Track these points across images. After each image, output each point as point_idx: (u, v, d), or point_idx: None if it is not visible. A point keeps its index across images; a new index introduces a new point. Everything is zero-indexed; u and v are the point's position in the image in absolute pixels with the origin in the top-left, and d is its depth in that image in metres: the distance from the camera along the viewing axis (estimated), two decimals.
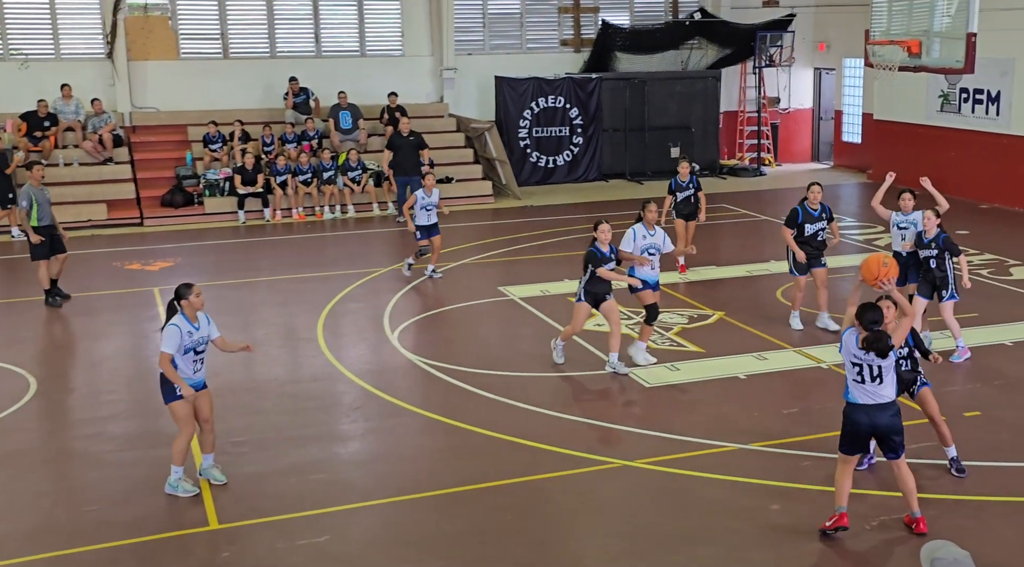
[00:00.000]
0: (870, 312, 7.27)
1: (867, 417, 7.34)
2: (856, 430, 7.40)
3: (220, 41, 22.38)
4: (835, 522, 7.50)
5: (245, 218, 19.72)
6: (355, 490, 8.50)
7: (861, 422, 7.36)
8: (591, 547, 7.61)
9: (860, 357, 7.28)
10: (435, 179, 15.08)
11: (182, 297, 8.27)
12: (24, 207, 14.03)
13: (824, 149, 26.70)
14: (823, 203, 12.19)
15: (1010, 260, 15.68)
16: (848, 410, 7.44)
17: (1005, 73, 19.87)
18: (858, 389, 7.36)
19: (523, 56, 24.26)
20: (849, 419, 7.43)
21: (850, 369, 7.37)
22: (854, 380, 7.35)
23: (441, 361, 11.52)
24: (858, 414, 7.36)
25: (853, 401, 7.39)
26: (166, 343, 8.17)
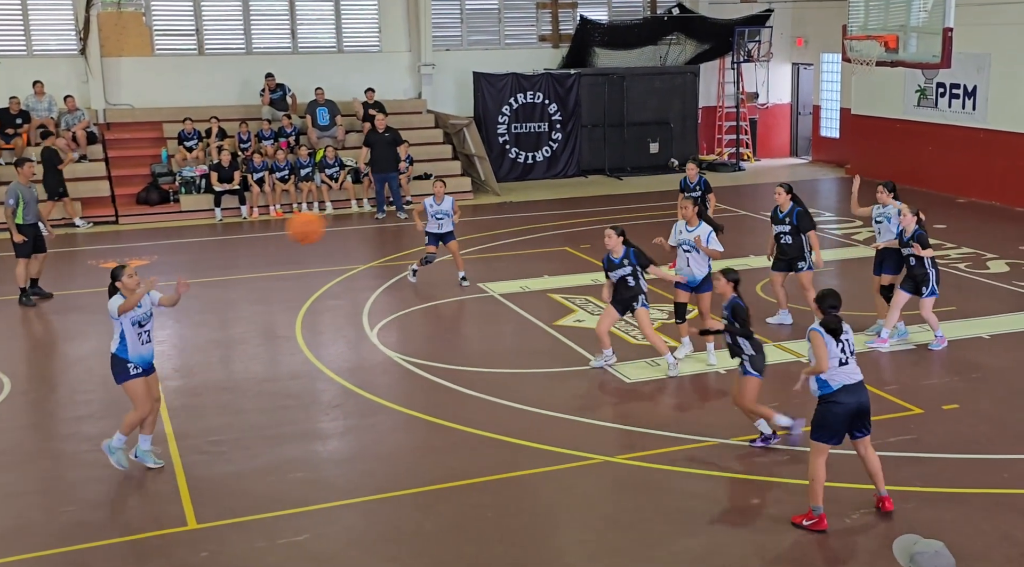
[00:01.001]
0: (830, 298, 7.55)
1: (854, 396, 7.43)
2: (844, 411, 7.43)
3: (195, 37, 22.22)
4: (814, 524, 7.49)
5: (222, 216, 19.59)
6: (335, 488, 8.45)
7: (849, 403, 7.42)
8: (572, 542, 7.59)
9: (846, 334, 7.46)
10: (445, 187, 14.54)
11: (117, 278, 8.64)
12: (11, 205, 13.93)
13: (802, 144, 26.78)
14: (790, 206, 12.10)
15: (987, 254, 15.76)
16: (832, 397, 7.44)
17: (981, 68, 19.98)
18: (841, 372, 7.43)
19: (501, 52, 24.21)
20: (835, 404, 7.43)
21: (836, 352, 7.42)
22: (840, 362, 7.40)
23: (421, 358, 11.47)
24: (845, 396, 7.42)
25: (840, 385, 7.42)
26: (113, 306, 8.53)
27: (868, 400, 7.53)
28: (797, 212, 11.94)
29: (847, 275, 14.82)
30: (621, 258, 10.68)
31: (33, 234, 14.02)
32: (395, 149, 19.68)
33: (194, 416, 10.02)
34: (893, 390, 10.22)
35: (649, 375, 10.84)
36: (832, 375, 7.43)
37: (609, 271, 10.77)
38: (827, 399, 7.49)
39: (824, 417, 7.50)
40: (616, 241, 10.67)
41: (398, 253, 16.66)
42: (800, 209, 11.97)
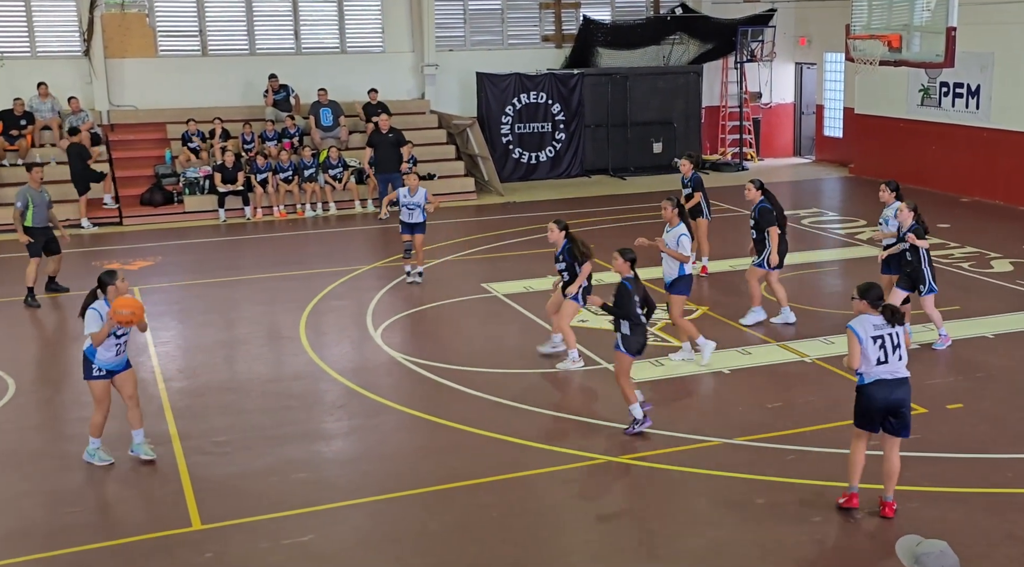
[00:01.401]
0: (873, 290, 7.58)
1: (887, 392, 7.50)
2: (873, 406, 7.54)
3: (199, 38, 22.24)
4: (845, 502, 7.73)
5: (225, 216, 19.61)
6: (339, 489, 8.45)
7: (878, 397, 7.51)
8: (576, 542, 7.59)
9: (882, 330, 7.49)
10: (418, 179, 14.85)
11: (107, 284, 8.75)
12: (19, 207, 14.16)
13: (806, 143, 26.75)
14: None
15: (991, 253, 15.74)
16: (865, 389, 7.56)
17: (985, 67, 19.95)
18: (882, 368, 7.50)
19: (504, 52, 24.21)
20: (865, 396, 7.57)
21: (871, 351, 7.46)
22: (879, 360, 7.47)
23: (425, 358, 11.48)
24: (878, 391, 7.51)
25: (874, 378, 7.52)
26: (89, 326, 8.68)
27: (904, 398, 7.55)
28: (761, 207, 12.09)
29: (851, 274, 14.80)
30: (559, 252, 10.96)
31: (45, 237, 14.27)
32: (399, 150, 19.68)
33: (198, 417, 10.02)
34: None
35: (653, 375, 10.83)
36: (868, 370, 7.52)
37: (556, 263, 11.15)
38: (861, 390, 7.63)
39: (857, 406, 7.66)
40: (558, 235, 10.92)
41: (402, 254, 16.63)
42: (764, 205, 12.10)
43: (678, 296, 11.08)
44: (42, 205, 14.26)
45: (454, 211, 20.24)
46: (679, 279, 11.03)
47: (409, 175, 14.91)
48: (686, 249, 10.93)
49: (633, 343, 9.21)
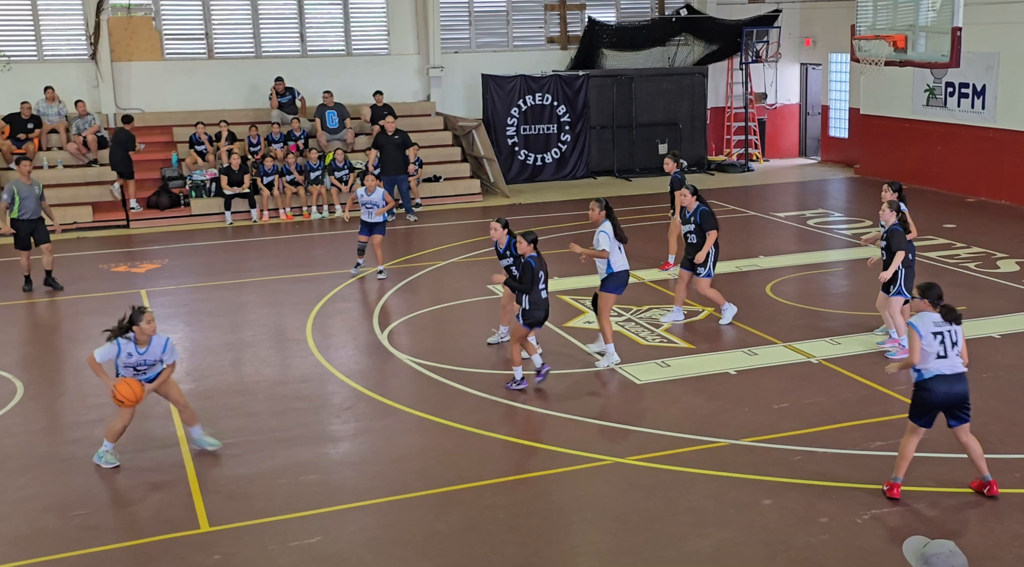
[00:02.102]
0: (934, 289, 7.85)
1: (947, 386, 7.68)
2: (932, 400, 7.73)
3: (205, 41, 22.30)
4: (888, 491, 7.94)
5: (232, 219, 19.65)
6: (346, 491, 8.47)
7: (939, 392, 7.69)
8: (584, 543, 7.60)
9: (941, 327, 7.72)
10: (375, 179, 15.14)
11: (134, 323, 8.80)
12: (5, 200, 14.55)
13: (811, 144, 26.74)
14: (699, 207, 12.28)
15: (997, 253, 15.72)
16: (924, 384, 7.73)
17: (990, 67, 19.93)
18: (941, 363, 7.68)
19: (510, 54, 24.23)
20: (925, 391, 7.73)
21: (932, 346, 7.66)
22: (938, 355, 7.67)
23: (431, 360, 11.49)
24: (939, 385, 7.68)
25: (934, 374, 7.68)
26: (99, 352, 8.84)
27: (965, 391, 7.76)
28: (701, 211, 12.17)
29: (857, 275, 14.80)
30: (504, 248, 11.19)
31: (30, 229, 14.66)
32: (404, 152, 19.70)
33: (206, 419, 10.01)
34: (903, 390, 10.16)
35: (660, 376, 10.84)
36: (927, 365, 7.68)
37: (500, 259, 11.39)
38: (921, 385, 7.77)
39: (914, 401, 7.84)
40: (501, 233, 11.17)
41: (408, 255, 16.69)
42: (705, 209, 12.22)
43: (607, 294, 11.19)
44: (31, 197, 14.56)
45: (460, 213, 20.26)
46: (608, 277, 11.15)
47: (368, 175, 15.21)
48: (605, 244, 11.07)
49: (530, 316, 10.24)
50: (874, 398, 10.10)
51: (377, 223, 14.92)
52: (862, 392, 10.26)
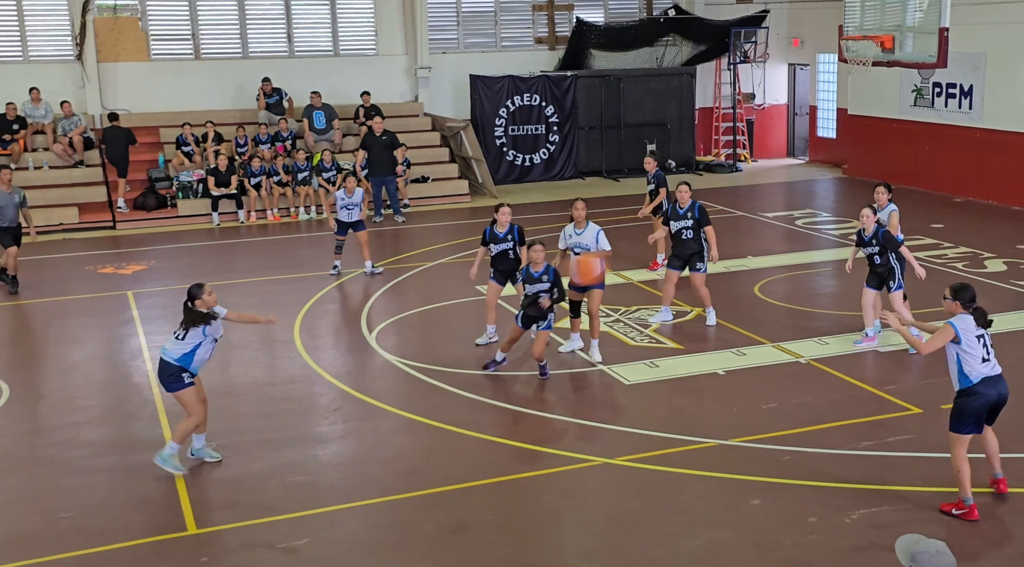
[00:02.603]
0: (967, 290, 7.65)
1: (995, 389, 7.62)
2: (986, 403, 7.61)
3: (191, 42, 22.21)
4: (965, 514, 7.62)
5: (219, 220, 19.57)
6: (335, 492, 8.43)
7: (991, 395, 7.60)
8: (573, 544, 7.58)
9: (981, 330, 7.62)
10: (356, 182, 15.34)
11: (195, 297, 8.68)
12: None
13: (799, 144, 26.79)
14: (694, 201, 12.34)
15: (984, 253, 15.76)
16: (974, 389, 7.58)
17: (977, 67, 19.99)
18: (985, 366, 7.60)
19: (498, 54, 24.21)
20: (977, 397, 7.58)
21: (976, 349, 7.56)
22: (983, 359, 7.58)
23: (420, 361, 11.46)
24: (988, 388, 7.59)
25: (981, 377, 7.58)
26: (194, 338, 8.69)
27: (1007, 391, 7.72)
28: (699, 206, 12.25)
29: (844, 276, 14.81)
30: (505, 233, 11.76)
31: (12, 234, 14.80)
32: (392, 152, 19.67)
33: None
34: (892, 390, 10.22)
35: (648, 377, 10.83)
36: (974, 366, 7.56)
37: (492, 243, 11.73)
38: (967, 392, 7.61)
39: (961, 410, 7.64)
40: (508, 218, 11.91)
41: (396, 256, 16.65)
42: (700, 203, 12.34)
43: (596, 291, 11.27)
44: (9, 206, 14.71)
45: (448, 213, 20.23)
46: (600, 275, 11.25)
47: (351, 178, 15.27)
48: (607, 244, 11.35)
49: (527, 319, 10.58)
50: (863, 398, 10.10)
51: (357, 221, 15.07)
52: (850, 392, 10.27)
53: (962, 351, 7.56)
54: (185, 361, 8.69)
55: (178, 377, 8.68)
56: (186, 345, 8.67)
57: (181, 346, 8.68)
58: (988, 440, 7.94)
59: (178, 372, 8.68)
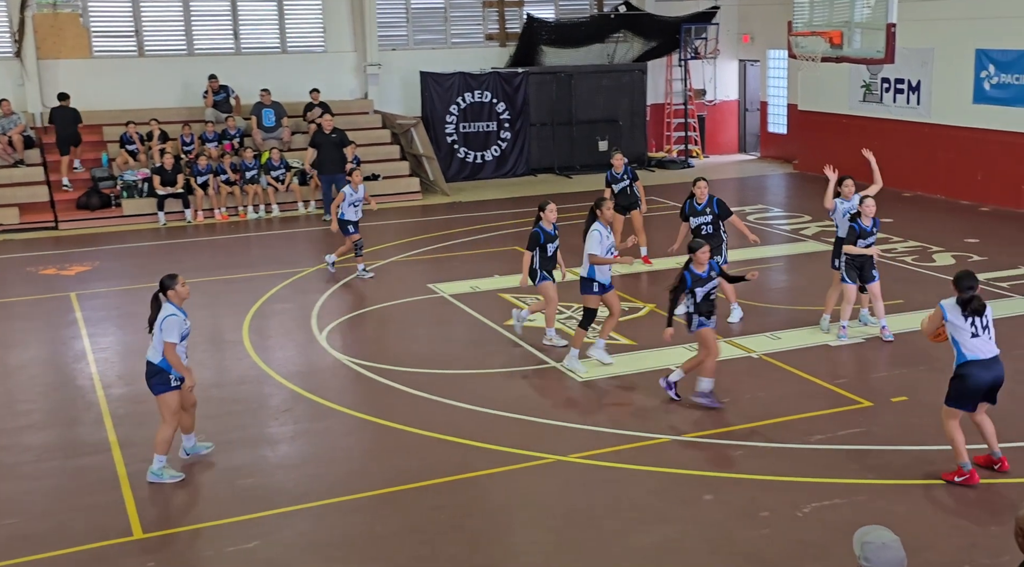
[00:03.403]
0: (967, 279, 7.84)
1: (989, 371, 7.84)
2: (979, 385, 7.85)
3: (135, 38, 21.82)
4: (966, 479, 7.95)
5: (165, 220, 19.27)
6: (285, 494, 8.30)
7: (984, 377, 7.84)
8: (526, 542, 7.52)
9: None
10: (362, 175, 15.03)
11: (168, 288, 8.51)
12: None
13: (751, 140, 26.95)
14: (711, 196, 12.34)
15: (933, 247, 15.93)
16: (968, 369, 7.84)
17: (925, 63, 20.22)
18: (977, 343, 7.81)
19: (448, 51, 24.08)
20: (970, 377, 7.84)
21: (964, 329, 7.81)
22: (972, 335, 7.80)
23: (371, 360, 11.34)
24: (980, 370, 7.82)
25: (974, 358, 7.83)
26: (169, 333, 8.31)
27: (1003, 374, 7.92)
28: (716, 200, 12.27)
29: (796, 271, 14.92)
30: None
31: None
32: (342, 150, 19.48)
33: (139, 424, 9.79)
34: (843, 384, 10.27)
35: (602, 373, 10.79)
36: (967, 344, 7.82)
37: (548, 243, 11.37)
38: (959, 370, 7.90)
39: (959, 386, 7.92)
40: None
41: (347, 255, 16.45)
42: (718, 198, 12.36)
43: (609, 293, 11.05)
44: None
45: (399, 211, 20.09)
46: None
47: (355, 172, 14.93)
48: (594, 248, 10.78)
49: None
50: (814, 392, 10.14)
51: (360, 218, 14.80)
52: (802, 386, 10.30)
53: (952, 327, 7.87)
54: (164, 364, 8.42)
55: (163, 379, 8.43)
56: (156, 347, 8.42)
57: (153, 348, 8.45)
58: (984, 424, 8.14)
59: (161, 373, 8.42)
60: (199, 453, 9.00)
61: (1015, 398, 9.80)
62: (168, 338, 8.31)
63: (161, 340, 8.34)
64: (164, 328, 8.33)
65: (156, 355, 8.41)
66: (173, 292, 8.50)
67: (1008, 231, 17.12)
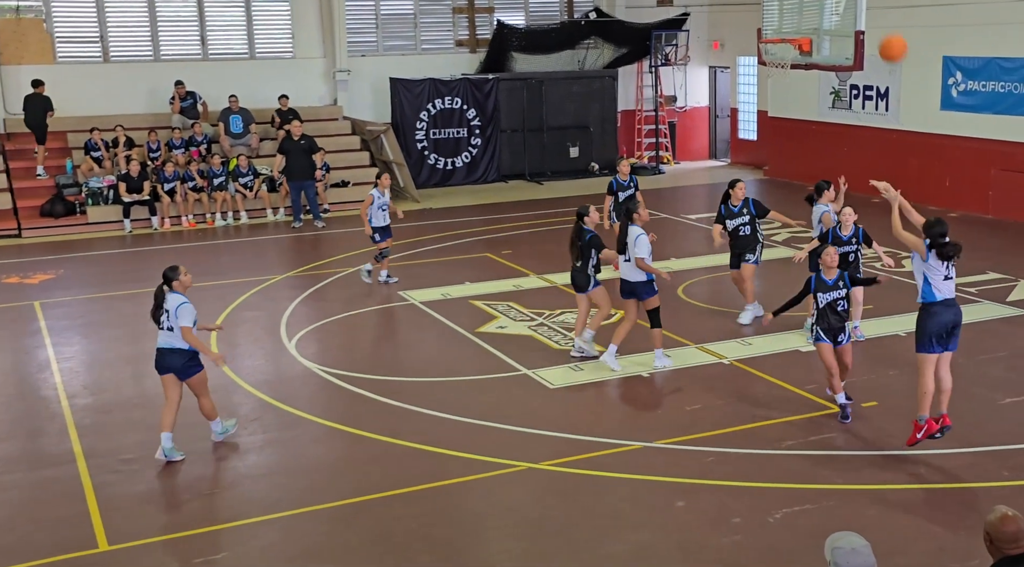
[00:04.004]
0: (937, 226, 8.25)
1: (951, 312, 8.28)
2: (943, 323, 8.28)
3: (100, 44, 21.58)
4: (925, 432, 8.23)
5: (131, 227, 19.05)
6: (253, 504, 8.21)
7: (947, 316, 8.28)
8: (498, 551, 7.46)
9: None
10: (388, 178, 14.86)
11: (173, 279, 9.04)
12: None
13: (721, 146, 27.05)
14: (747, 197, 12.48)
15: (903, 252, 15.99)
16: (932, 310, 8.28)
17: (893, 70, 20.35)
18: (946, 285, 8.26)
19: (418, 57, 24.01)
20: (934, 317, 8.27)
21: (940, 269, 8.23)
22: (945, 276, 8.24)
23: (341, 368, 11.24)
24: (943, 310, 8.26)
25: (937, 299, 8.26)
26: (185, 318, 8.83)
27: (961, 315, 8.41)
28: (752, 200, 12.43)
29: (767, 276, 14.91)
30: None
31: None
32: (311, 157, 19.35)
33: (104, 434, 9.67)
34: (813, 389, 10.27)
35: (573, 380, 10.75)
36: (936, 284, 8.24)
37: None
38: (927, 307, 8.32)
39: (922, 328, 8.35)
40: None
41: (316, 262, 16.37)
42: (752, 198, 12.53)
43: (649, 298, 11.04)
44: None
45: None
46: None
47: (385, 175, 14.79)
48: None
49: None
50: (785, 398, 10.14)
51: (389, 225, 14.55)
52: (773, 392, 10.30)
53: (927, 268, 8.23)
54: (191, 348, 8.94)
55: (195, 360, 8.97)
56: (179, 334, 8.87)
57: (176, 336, 8.87)
58: (944, 380, 8.52)
59: (193, 357, 8.95)
60: (228, 430, 9.42)
61: (984, 402, 9.87)
62: (184, 323, 8.79)
63: (179, 327, 8.80)
64: (180, 315, 8.83)
65: (181, 342, 8.88)
66: (178, 282, 9.03)
67: (976, 237, 17.21)
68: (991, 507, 4.81)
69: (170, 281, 9.02)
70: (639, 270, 10.66)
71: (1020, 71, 17.91)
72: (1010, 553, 4.63)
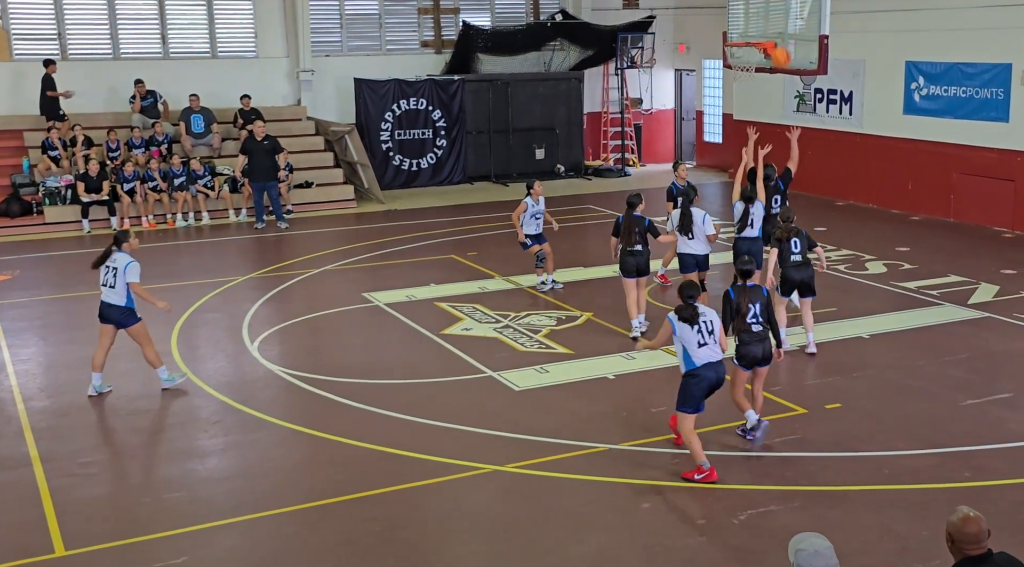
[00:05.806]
0: (687, 288, 8.38)
1: (715, 372, 8.28)
2: (708, 384, 8.28)
3: (57, 41, 21.27)
4: (705, 476, 8.24)
5: (90, 227, 18.78)
6: (214, 508, 8.10)
7: (711, 377, 8.27)
8: (463, 553, 7.40)
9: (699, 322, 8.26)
10: (542, 187, 14.31)
11: (123, 241, 10.31)
12: None
13: (687, 149, 27.13)
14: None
15: (865, 255, 16.13)
16: (696, 372, 8.23)
17: (857, 74, 20.51)
18: (704, 350, 8.24)
19: (383, 58, 23.89)
20: (700, 379, 8.24)
21: (692, 337, 8.21)
22: (699, 344, 8.22)
23: (304, 371, 11.13)
24: (708, 371, 8.25)
25: (704, 362, 8.23)
26: (133, 274, 10.16)
27: (725, 374, 8.42)
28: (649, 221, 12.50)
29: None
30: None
31: None
32: (274, 157, 19.17)
33: (62, 437, 9.51)
34: (778, 391, 10.29)
35: (538, 382, 10.71)
36: (695, 354, 8.21)
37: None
38: (690, 374, 8.27)
39: (685, 390, 8.30)
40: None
41: (279, 264, 16.21)
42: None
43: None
44: None
45: (333, 220, 19.85)
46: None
47: (537, 183, 14.19)
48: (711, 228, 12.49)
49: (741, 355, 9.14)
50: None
51: (541, 232, 14.14)
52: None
53: (681, 340, 8.25)
54: (130, 302, 10.23)
55: (132, 313, 10.27)
56: (120, 291, 10.13)
57: (117, 293, 10.16)
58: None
59: (131, 310, 10.25)
60: (101, 391, 10.44)
61: (946, 404, 9.93)
62: (132, 279, 10.07)
63: (125, 283, 10.06)
64: (128, 272, 10.08)
65: (121, 298, 10.16)
66: (127, 244, 10.26)
67: (938, 240, 17.41)
68: (953, 508, 4.82)
69: (120, 242, 10.21)
70: (708, 244, 12.45)
71: (981, 76, 18.10)
72: (972, 553, 4.65)
